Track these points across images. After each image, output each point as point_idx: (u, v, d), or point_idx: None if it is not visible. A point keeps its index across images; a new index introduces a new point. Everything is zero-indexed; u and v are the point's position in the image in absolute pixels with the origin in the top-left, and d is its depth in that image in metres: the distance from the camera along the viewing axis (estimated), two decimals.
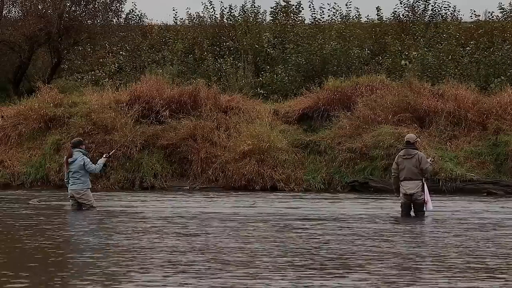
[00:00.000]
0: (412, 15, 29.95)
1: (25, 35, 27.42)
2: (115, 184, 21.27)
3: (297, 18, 30.23)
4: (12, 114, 23.37)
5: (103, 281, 8.09)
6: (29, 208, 16.09)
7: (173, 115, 22.70)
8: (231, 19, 30.65)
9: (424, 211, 14.08)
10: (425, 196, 14.04)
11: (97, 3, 28.85)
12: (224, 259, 9.40)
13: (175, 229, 12.38)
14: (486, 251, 10.17)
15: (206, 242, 10.81)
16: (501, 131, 21.19)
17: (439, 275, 8.46)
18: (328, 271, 8.67)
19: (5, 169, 21.99)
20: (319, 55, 26.31)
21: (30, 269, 8.86)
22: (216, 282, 8.03)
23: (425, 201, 14.04)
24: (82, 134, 21.29)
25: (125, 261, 9.29)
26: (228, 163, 21.23)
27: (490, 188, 19.86)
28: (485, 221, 13.67)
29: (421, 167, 13.97)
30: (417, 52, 26.19)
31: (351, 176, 20.82)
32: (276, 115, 23.05)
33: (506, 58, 25.40)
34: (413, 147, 14.26)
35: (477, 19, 29.76)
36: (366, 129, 21.26)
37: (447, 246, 10.53)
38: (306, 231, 12.11)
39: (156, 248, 10.23)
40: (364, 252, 9.95)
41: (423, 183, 14.10)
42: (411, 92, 22.19)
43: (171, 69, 26.73)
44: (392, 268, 8.86)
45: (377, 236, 11.57)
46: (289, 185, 20.77)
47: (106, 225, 13.06)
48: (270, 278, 8.21)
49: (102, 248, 10.30)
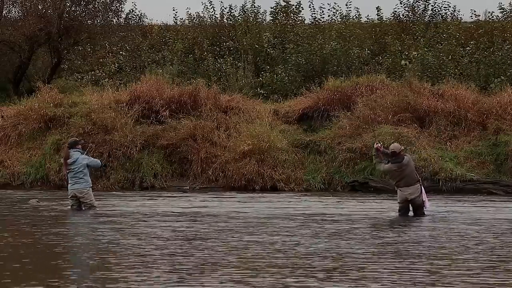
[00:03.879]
0: (412, 15, 29.96)
1: (25, 35, 27.42)
2: (115, 184, 21.26)
3: (297, 18, 30.22)
4: (12, 114, 23.36)
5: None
6: (29, 208, 16.08)
7: (173, 115, 22.70)
8: (231, 19, 30.65)
9: (424, 211, 14.26)
10: (423, 197, 14.24)
11: (97, 3, 28.85)
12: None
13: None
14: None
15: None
16: (501, 131, 21.20)
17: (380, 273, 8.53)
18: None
19: (5, 169, 21.98)
20: (319, 55, 26.30)
21: (28, 268, 8.86)
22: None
23: (423, 201, 14.25)
24: (82, 134, 21.30)
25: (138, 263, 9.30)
26: (228, 163, 21.23)
27: (490, 188, 19.86)
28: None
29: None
30: (417, 52, 26.19)
31: (351, 176, 20.82)
32: (276, 115, 23.05)
33: (506, 58, 25.39)
34: (400, 157, 14.34)
35: (477, 19, 29.75)
36: (366, 129, 21.26)
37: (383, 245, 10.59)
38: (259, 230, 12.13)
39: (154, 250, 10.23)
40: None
41: (420, 184, 14.29)
42: (411, 92, 22.19)
43: (171, 69, 26.73)
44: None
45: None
46: (289, 185, 20.77)
47: (116, 226, 13.05)
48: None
49: (108, 250, 10.30)
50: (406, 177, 14.25)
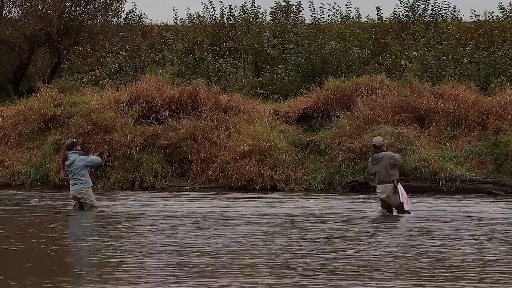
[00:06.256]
0: (412, 15, 29.95)
1: (25, 35, 27.42)
2: (115, 184, 21.26)
3: (297, 18, 30.22)
4: (12, 114, 23.35)
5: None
6: (29, 208, 16.08)
7: (173, 115, 22.70)
8: (231, 19, 30.65)
9: (407, 210, 14.20)
10: (401, 197, 14.15)
11: (97, 3, 28.83)
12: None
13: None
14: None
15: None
16: (501, 131, 21.18)
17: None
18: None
19: (5, 169, 21.98)
20: (319, 55, 26.28)
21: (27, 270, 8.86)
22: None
23: (401, 202, 14.17)
24: (82, 134, 21.30)
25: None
26: (228, 163, 21.22)
27: (490, 188, 19.86)
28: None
29: (394, 164, 14.12)
30: (417, 52, 26.18)
31: (351, 176, 20.81)
32: (276, 115, 23.04)
33: (506, 58, 25.37)
34: (379, 151, 14.33)
35: (477, 19, 29.75)
36: (366, 129, 21.25)
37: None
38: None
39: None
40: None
41: (395, 185, 14.22)
42: (411, 92, 22.19)
43: (171, 69, 26.72)
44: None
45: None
46: (289, 185, 20.76)
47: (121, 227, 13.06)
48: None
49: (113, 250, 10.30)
50: (378, 174, 14.26)
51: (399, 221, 13.74)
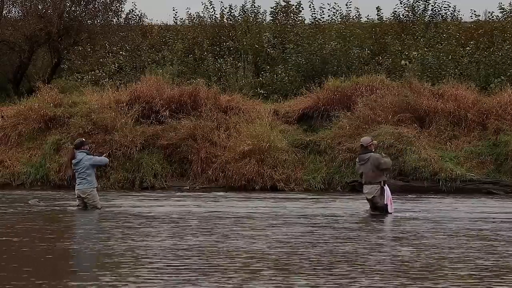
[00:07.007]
0: (412, 15, 29.95)
1: (25, 35, 27.41)
2: (115, 184, 21.26)
3: (297, 18, 30.22)
4: (12, 114, 23.36)
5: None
6: (29, 208, 16.07)
7: (173, 115, 22.70)
8: (231, 19, 30.66)
9: (390, 212, 14.19)
10: (385, 200, 14.14)
11: (97, 3, 28.83)
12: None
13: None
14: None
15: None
16: (501, 131, 21.20)
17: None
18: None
19: (5, 169, 21.98)
20: (319, 55, 26.29)
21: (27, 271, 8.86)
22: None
23: (385, 204, 14.15)
24: (82, 134, 21.29)
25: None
26: (228, 163, 21.23)
27: (490, 188, 19.87)
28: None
29: (380, 168, 14.11)
30: (417, 52, 26.19)
31: (351, 176, 20.80)
32: (276, 115, 23.05)
33: (506, 58, 25.38)
34: (366, 151, 14.32)
35: (477, 19, 29.76)
36: (366, 129, 21.25)
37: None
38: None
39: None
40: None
41: (381, 186, 14.20)
42: (411, 92, 22.20)
43: (171, 69, 26.73)
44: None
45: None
46: (289, 185, 20.77)
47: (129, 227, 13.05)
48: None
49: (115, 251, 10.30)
50: (365, 174, 14.27)
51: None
